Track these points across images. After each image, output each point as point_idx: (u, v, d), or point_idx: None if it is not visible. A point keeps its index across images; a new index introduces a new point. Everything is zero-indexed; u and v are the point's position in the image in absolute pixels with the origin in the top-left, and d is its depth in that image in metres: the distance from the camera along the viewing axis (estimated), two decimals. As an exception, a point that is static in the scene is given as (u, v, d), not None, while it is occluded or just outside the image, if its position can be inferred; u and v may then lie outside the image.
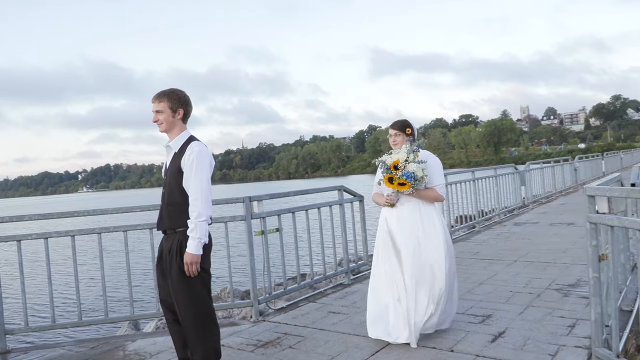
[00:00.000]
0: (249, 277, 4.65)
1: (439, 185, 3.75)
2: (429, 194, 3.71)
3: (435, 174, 3.73)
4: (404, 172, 3.51)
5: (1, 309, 4.24)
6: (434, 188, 3.73)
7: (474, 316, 4.23)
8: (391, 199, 3.71)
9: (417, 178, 3.53)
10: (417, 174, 3.53)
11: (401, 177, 3.52)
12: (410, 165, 3.53)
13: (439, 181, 3.75)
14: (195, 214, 2.87)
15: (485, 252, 6.95)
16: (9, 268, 5.14)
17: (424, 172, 3.57)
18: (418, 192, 3.67)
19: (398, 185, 3.55)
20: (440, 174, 3.77)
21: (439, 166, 3.80)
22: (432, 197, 3.72)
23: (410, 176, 3.51)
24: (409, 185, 3.54)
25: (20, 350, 4.29)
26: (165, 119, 3.00)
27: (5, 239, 4.27)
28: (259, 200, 4.70)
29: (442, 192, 3.75)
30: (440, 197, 3.74)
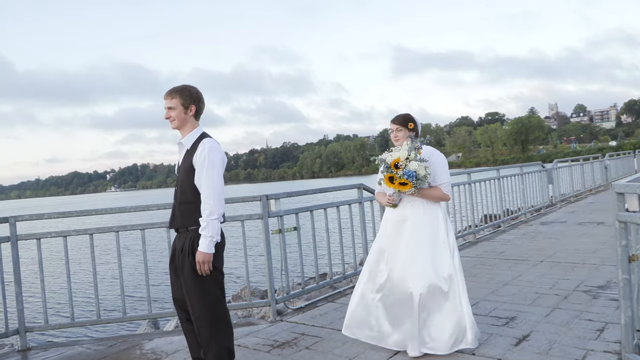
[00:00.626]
0: (267, 276, 4.60)
1: (444, 183, 3.50)
2: (434, 194, 3.48)
3: (439, 172, 3.50)
4: (405, 171, 3.28)
5: (21, 307, 4.29)
6: (439, 187, 3.49)
7: (497, 318, 4.09)
8: (393, 199, 3.49)
9: (419, 177, 3.31)
10: (419, 172, 3.30)
11: (402, 177, 3.30)
12: (412, 163, 3.29)
13: (443, 179, 3.51)
14: (207, 212, 2.82)
15: (511, 252, 6.75)
16: (30, 266, 5.21)
17: (427, 171, 3.35)
18: (421, 192, 3.44)
19: (399, 185, 3.32)
20: (445, 171, 3.53)
21: (444, 163, 3.56)
22: (436, 197, 3.48)
23: (412, 175, 3.28)
24: (411, 185, 3.31)
25: (40, 347, 4.33)
26: (177, 116, 2.96)
27: (25, 237, 4.31)
28: (276, 198, 4.64)
29: (447, 190, 3.50)
30: (445, 196, 3.51)
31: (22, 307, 4.28)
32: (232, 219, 4.59)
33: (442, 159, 3.55)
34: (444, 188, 3.49)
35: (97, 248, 4.51)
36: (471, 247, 7.40)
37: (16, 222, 4.29)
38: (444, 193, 3.50)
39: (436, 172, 3.48)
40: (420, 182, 3.33)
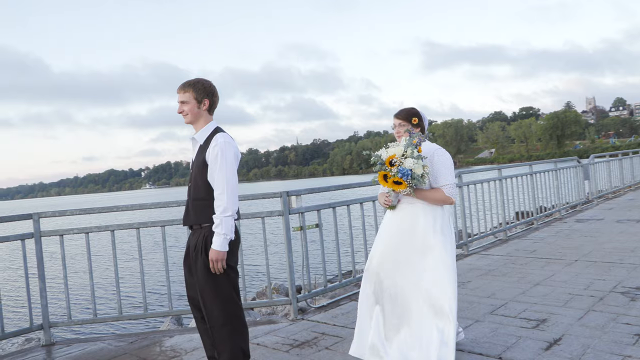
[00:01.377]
0: (287, 273, 4.52)
1: (447, 185, 3.12)
2: (434, 196, 3.12)
3: (442, 172, 3.14)
4: (400, 169, 2.93)
5: (46, 302, 4.32)
6: (441, 188, 3.13)
7: (527, 320, 3.90)
8: (390, 199, 3.18)
9: (414, 176, 2.95)
10: (416, 171, 2.94)
11: (396, 175, 2.96)
12: (407, 160, 2.95)
13: (447, 180, 3.13)
14: (221, 209, 2.74)
15: (543, 251, 6.49)
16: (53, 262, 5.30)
17: (425, 170, 2.98)
18: (419, 193, 3.11)
19: (393, 184, 3.00)
20: (449, 171, 3.14)
21: (448, 162, 3.17)
22: (437, 199, 3.12)
23: (407, 174, 2.93)
24: (406, 184, 2.97)
25: (64, 342, 4.37)
26: (190, 110, 2.89)
27: (48, 234, 4.34)
28: (297, 194, 4.55)
29: (450, 193, 3.12)
30: (447, 199, 3.12)
31: (46, 303, 4.32)
32: (252, 216, 4.53)
33: (445, 158, 3.19)
34: (446, 190, 3.13)
35: (118, 244, 4.51)
36: (501, 245, 7.16)
37: (40, 219, 4.33)
38: (446, 196, 3.13)
39: (438, 171, 3.15)
40: (416, 182, 2.99)
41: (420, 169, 2.96)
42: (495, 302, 4.41)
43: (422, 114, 3.33)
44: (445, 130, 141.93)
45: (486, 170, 8.25)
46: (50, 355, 4.06)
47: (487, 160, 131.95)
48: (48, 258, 4.45)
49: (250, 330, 4.15)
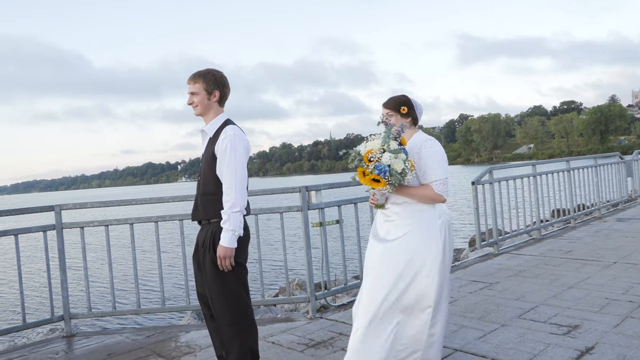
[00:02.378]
0: (306, 270, 4.41)
1: (437, 181, 2.76)
2: (422, 193, 2.76)
3: (431, 166, 2.78)
4: (376, 165, 2.61)
5: (66, 294, 4.35)
6: (430, 185, 2.77)
7: (557, 326, 3.67)
8: (375, 198, 2.88)
9: (393, 173, 2.61)
10: (395, 167, 2.61)
11: (373, 172, 2.63)
12: (385, 155, 2.62)
13: (436, 175, 2.77)
14: (229, 204, 2.64)
15: (579, 251, 6.17)
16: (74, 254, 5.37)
17: (407, 165, 2.63)
18: (402, 191, 2.77)
19: (371, 181, 2.66)
20: (439, 166, 2.78)
21: (438, 155, 2.80)
22: (426, 197, 2.77)
23: (384, 170, 2.59)
24: (384, 182, 2.62)
25: (83, 334, 4.38)
26: (200, 102, 2.79)
27: (69, 226, 4.36)
28: (316, 190, 4.43)
29: (440, 190, 2.76)
30: (437, 196, 2.76)
31: (67, 294, 4.35)
32: (270, 211, 4.43)
33: (434, 150, 2.82)
34: (435, 187, 2.76)
35: (137, 238, 4.50)
36: (535, 244, 6.85)
37: (61, 211, 4.35)
38: (436, 193, 2.75)
39: (427, 166, 2.79)
40: (395, 179, 2.63)
41: (400, 164, 2.62)
42: (524, 305, 4.18)
43: (414, 102, 2.98)
44: (482, 125, 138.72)
45: (520, 166, 7.91)
46: (69, 346, 4.07)
47: (525, 156, 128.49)
48: (69, 250, 4.46)
49: (267, 328, 4.08)
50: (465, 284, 5.05)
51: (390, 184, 2.65)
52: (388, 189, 2.67)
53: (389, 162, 2.60)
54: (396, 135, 2.69)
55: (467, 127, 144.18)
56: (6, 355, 3.94)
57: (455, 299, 4.52)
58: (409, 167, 2.65)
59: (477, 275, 5.37)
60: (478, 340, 3.51)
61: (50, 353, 3.92)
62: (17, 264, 4.17)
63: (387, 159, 2.60)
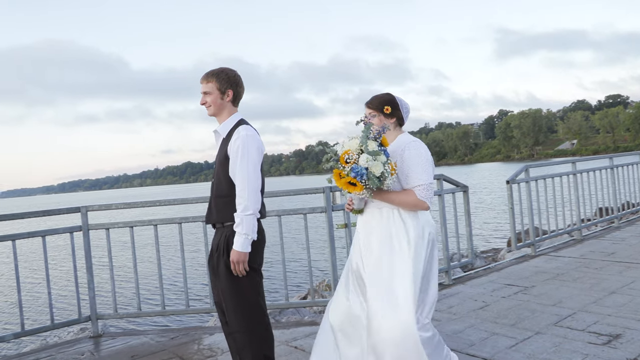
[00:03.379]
0: (330, 273, 4.30)
1: (420, 186, 2.53)
2: (403, 199, 2.54)
3: (414, 170, 2.54)
4: (352, 168, 2.39)
5: (93, 294, 4.38)
6: (412, 190, 2.54)
7: (597, 335, 3.43)
8: (352, 203, 2.70)
9: (371, 177, 2.39)
10: (373, 170, 2.38)
11: (349, 174, 2.41)
12: (362, 157, 2.40)
13: (419, 180, 2.53)
14: (242, 206, 2.56)
15: (623, 253, 5.82)
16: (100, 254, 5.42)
17: (386, 168, 2.41)
18: (381, 196, 2.55)
19: (347, 184, 2.45)
20: (422, 170, 2.55)
21: (421, 158, 2.57)
22: (407, 203, 2.54)
23: (361, 173, 2.37)
24: (361, 186, 2.41)
25: (110, 335, 4.41)
26: (213, 101, 2.72)
27: (95, 227, 4.39)
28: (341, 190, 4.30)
29: (423, 195, 2.52)
30: (419, 203, 2.52)
31: (93, 295, 4.38)
32: (294, 212, 4.34)
33: (418, 153, 2.58)
34: (418, 192, 2.52)
35: (161, 239, 4.49)
36: (575, 245, 6.53)
37: (87, 212, 4.38)
38: (418, 199, 2.52)
39: (409, 169, 2.55)
40: (373, 183, 2.40)
41: (378, 167, 2.38)
42: (561, 312, 3.95)
43: (400, 101, 2.73)
44: (522, 121, 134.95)
45: (558, 164, 7.57)
46: (95, 347, 4.10)
47: (568, 152, 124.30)
48: (95, 250, 4.50)
49: (291, 332, 3.99)
50: (499, 287, 4.83)
51: (368, 188, 2.44)
52: (365, 193, 2.46)
53: (367, 165, 2.39)
54: (376, 135, 2.48)
55: (507, 123, 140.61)
56: (35, 355, 4.00)
57: (487, 304, 4.32)
58: (389, 171, 2.43)
59: (511, 278, 5.13)
60: (509, 349, 3.32)
61: (76, 353, 3.95)
62: (44, 265, 4.22)
63: (364, 161, 2.39)
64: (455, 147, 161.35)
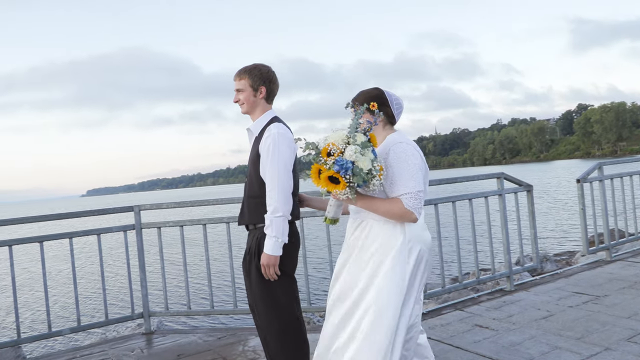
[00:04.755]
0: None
1: (407, 194, 2.13)
2: (388, 208, 2.15)
3: (400, 175, 2.16)
4: (337, 160, 2.04)
5: (146, 292, 4.46)
6: (399, 198, 2.15)
7: (678, 354, 3.03)
8: (332, 207, 2.33)
9: (357, 172, 2.03)
10: (360, 165, 2.03)
11: (332, 167, 2.06)
12: (349, 149, 2.05)
13: (406, 187, 2.14)
14: (272, 208, 2.45)
15: None
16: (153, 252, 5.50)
17: (374, 166, 2.07)
18: (365, 202, 2.20)
19: (327, 181, 2.08)
20: (410, 176, 2.15)
21: (409, 162, 2.18)
22: (392, 214, 2.15)
23: (346, 167, 2.02)
24: (344, 182, 2.05)
25: (161, 332, 4.48)
26: (246, 99, 2.63)
27: (147, 226, 4.47)
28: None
29: (411, 205, 2.12)
30: (406, 213, 2.13)
31: (146, 292, 4.46)
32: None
33: (405, 156, 2.18)
34: (406, 200, 2.13)
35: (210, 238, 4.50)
36: (623, 262, 5.91)
37: (140, 211, 4.47)
38: (405, 209, 2.12)
39: (395, 175, 2.17)
40: (359, 179, 2.04)
41: (367, 162, 2.03)
42: (637, 326, 3.54)
43: (389, 95, 2.38)
44: (604, 116, 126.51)
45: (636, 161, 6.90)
46: (146, 343, 4.17)
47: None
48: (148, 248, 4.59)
49: (337, 336, 3.85)
50: (566, 295, 4.44)
51: (351, 186, 2.08)
52: (347, 193, 2.09)
53: (354, 158, 2.04)
54: (365, 129, 2.16)
55: (587, 117, 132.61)
56: (89, 349, 4.12)
57: (552, 314, 3.97)
58: (377, 170, 2.08)
59: (581, 285, 4.71)
60: (573, 366, 3.00)
61: (127, 350, 4.04)
62: (99, 262, 4.35)
63: (351, 154, 2.04)
64: (529, 143, 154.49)
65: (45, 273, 4.11)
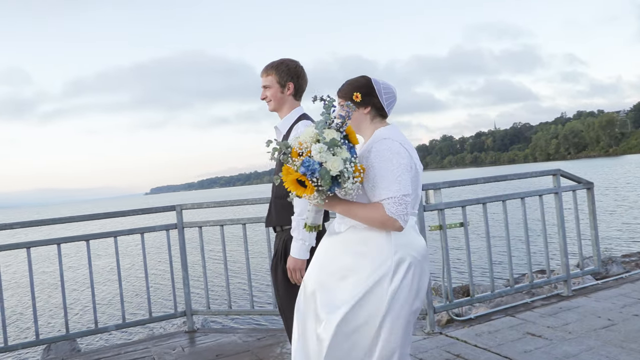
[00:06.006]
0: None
1: (390, 199, 1.85)
2: (368, 214, 1.89)
3: (382, 176, 1.88)
4: (304, 161, 1.80)
5: (188, 291, 4.49)
6: (380, 203, 1.88)
7: None
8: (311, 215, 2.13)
9: (324, 174, 1.76)
10: (329, 165, 1.77)
11: (298, 169, 1.82)
12: (315, 147, 1.81)
13: (390, 191, 1.86)
14: (298, 209, 2.35)
15: None
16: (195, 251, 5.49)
17: (348, 166, 1.81)
18: (342, 207, 1.95)
19: (294, 184, 1.85)
20: (394, 177, 1.87)
21: (392, 162, 1.89)
22: (373, 221, 1.89)
23: (313, 169, 1.78)
24: (312, 186, 1.80)
25: (203, 331, 4.49)
26: (273, 95, 2.54)
27: (189, 225, 4.49)
28: (435, 188, 3.91)
29: (394, 211, 1.84)
30: (389, 220, 1.85)
31: (188, 291, 4.49)
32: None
33: (387, 154, 1.90)
34: (388, 206, 1.85)
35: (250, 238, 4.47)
36: None
37: (182, 211, 4.50)
38: (387, 216, 1.85)
39: (376, 176, 1.89)
40: (326, 183, 1.77)
41: (337, 163, 1.77)
42: None
43: (377, 84, 2.07)
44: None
45: None
46: (188, 342, 4.19)
47: None
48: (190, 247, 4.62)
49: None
50: (632, 302, 4.07)
51: (320, 191, 1.83)
52: (316, 197, 1.86)
53: (321, 159, 1.79)
54: (339, 124, 1.90)
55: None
56: (133, 346, 4.19)
57: (614, 322, 3.64)
58: (351, 171, 1.81)
59: (649, 292, 4.31)
60: (635, 384, 2.72)
61: (168, 348, 4.06)
62: (143, 261, 4.42)
63: (318, 153, 1.79)
64: (597, 137, 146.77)
65: (92, 271, 4.22)
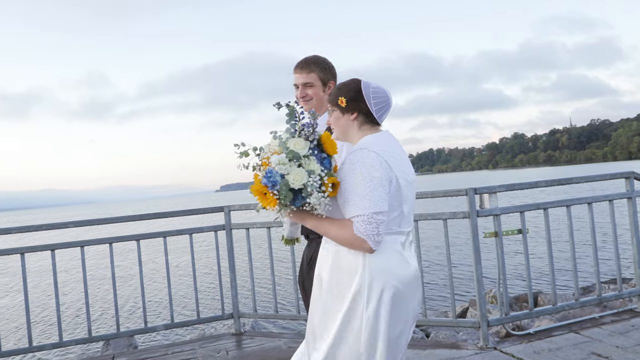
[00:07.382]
0: (475, 290, 3.67)
1: (359, 217, 1.68)
2: (337, 232, 1.74)
3: (353, 191, 1.71)
4: (267, 171, 1.69)
5: (235, 293, 4.48)
6: (351, 220, 1.72)
7: None
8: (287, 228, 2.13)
9: (282, 187, 1.65)
10: (291, 178, 1.65)
11: (262, 180, 1.71)
12: (274, 158, 1.70)
13: (358, 208, 1.69)
14: None
15: None
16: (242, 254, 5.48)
17: (313, 179, 1.66)
18: (313, 221, 1.80)
19: (259, 194, 1.74)
20: (365, 192, 1.68)
21: (365, 176, 1.70)
22: (341, 239, 1.74)
23: (273, 180, 1.66)
24: (273, 199, 1.68)
25: (250, 334, 4.46)
26: (316, 94, 2.39)
27: (237, 226, 4.47)
28: (490, 192, 3.65)
29: (362, 230, 1.67)
30: (356, 241, 1.69)
31: (236, 293, 4.47)
32: (432, 217, 3.82)
33: (361, 167, 1.72)
34: (356, 224, 1.69)
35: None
36: None
37: (230, 212, 4.49)
38: (354, 236, 1.69)
39: (346, 191, 1.73)
40: (286, 197, 1.66)
41: (299, 175, 1.65)
42: None
43: (367, 88, 1.87)
44: None
45: None
46: (234, 345, 4.16)
47: None
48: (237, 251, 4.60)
49: (426, 355, 3.52)
50: None
51: (282, 204, 1.72)
52: (278, 210, 1.74)
53: (285, 171, 1.67)
54: (307, 132, 1.73)
55: None
56: (180, 347, 4.22)
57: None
58: (316, 185, 1.65)
59: None
60: None
61: (213, 350, 4.06)
62: (191, 262, 4.44)
63: (278, 164, 1.68)
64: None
65: (141, 270, 4.29)
